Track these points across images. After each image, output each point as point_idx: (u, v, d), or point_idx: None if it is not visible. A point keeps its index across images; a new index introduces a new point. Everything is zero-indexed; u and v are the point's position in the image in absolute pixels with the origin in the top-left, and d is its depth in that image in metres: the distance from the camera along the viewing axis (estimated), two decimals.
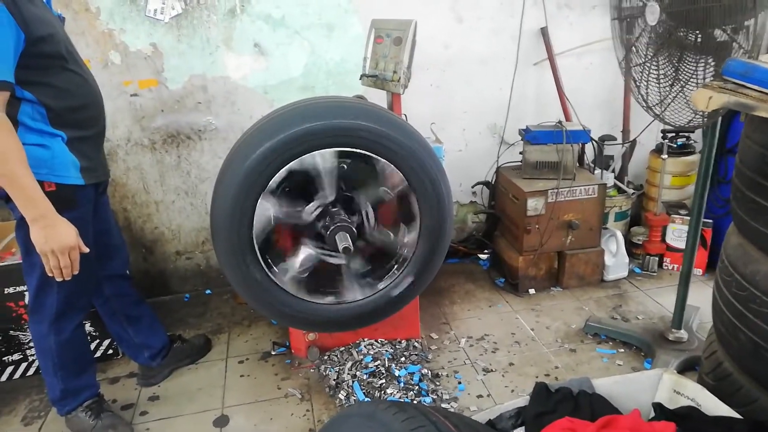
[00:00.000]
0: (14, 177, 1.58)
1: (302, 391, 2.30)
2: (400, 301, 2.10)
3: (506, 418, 1.39)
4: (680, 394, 1.41)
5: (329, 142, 1.80)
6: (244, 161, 1.75)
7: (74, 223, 1.75)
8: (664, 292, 2.91)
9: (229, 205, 1.78)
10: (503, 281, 3.10)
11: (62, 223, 1.68)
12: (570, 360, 2.43)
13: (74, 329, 2.00)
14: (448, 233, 2.05)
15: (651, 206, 3.25)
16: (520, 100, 3.18)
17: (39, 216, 1.64)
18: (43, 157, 1.71)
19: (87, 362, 2.12)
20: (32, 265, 1.84)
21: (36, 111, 1.69)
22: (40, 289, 1.89)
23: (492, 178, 3.25)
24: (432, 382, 2.28)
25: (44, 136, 1.72)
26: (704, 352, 1.64)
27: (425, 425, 0.95)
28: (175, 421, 2.19)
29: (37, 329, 1.97)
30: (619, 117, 3.28)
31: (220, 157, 2.88)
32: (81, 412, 2.07)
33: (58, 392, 2.04)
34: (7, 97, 1.56)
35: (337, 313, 2.06)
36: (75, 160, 1.79)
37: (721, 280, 1.48)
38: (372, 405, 1.07)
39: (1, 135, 1.54)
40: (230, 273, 1.90)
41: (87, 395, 2.09)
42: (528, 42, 3.09)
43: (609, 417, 1.23)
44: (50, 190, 1.71)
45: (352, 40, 2.88)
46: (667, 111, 2.11)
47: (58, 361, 1.98)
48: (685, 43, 1.95)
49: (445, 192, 1.96)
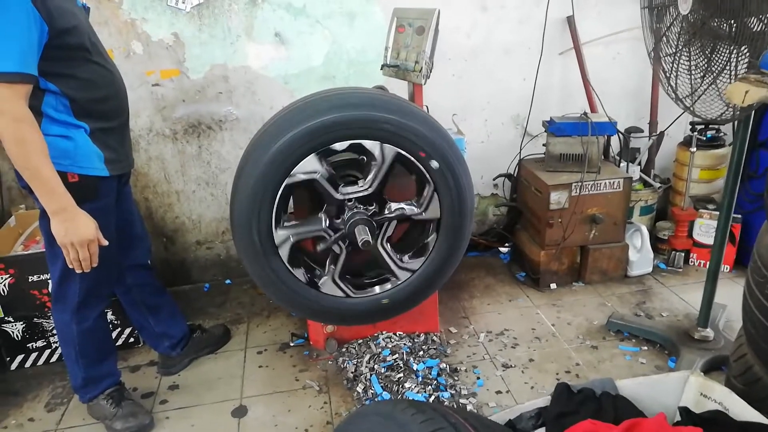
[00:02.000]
0: (36, 170, 1.58)
1: (320, 383, 2.30)
2: (415, 297, 2.10)
3: (526, 418, 1.36)
4: (707, 398, 1.36)
5: (349, 134, 1.79)
6: (268, 149, 1.74)
7: (97, 213, 1.76)
8: (690, 289, 2.84)
9: (249, 194, 1.78)
10: (524, 275, 3.06)
11: (82, 217, 1.69)
12: (591, 357, 2.38)
13: (96, 318, 2.02)
14: (469, 227, 2.02)
15: (678, 200, 3.17)
16: (544, 91, 3.11)
17: (59, 209, 1.64)
18: (66, 149, 1.72)
19: (108, 351, 2.14)
20: (55, 255, 1.86)
21: (60, 102, 1.70)
22: (63, 279, 1.91)
23: (514, 171, 3.20)
24: (450, 376, 2.26)
25: (68, 127, 1.73)
26: (733, 354, 1.59)
27: (444, 427, 0.93)
28: (194, 411, 2.21)
29: (59, 318, 1.99)
30: (646, 108, 3.19)
31: (240, 148, 2.88)
32: (102, 400, 2.10)
33: (80, 380, 2.07)
34: (30, 89, 1.56)
35: (353, 307, 2.05)
36: (98, 151, 1.80)
37: (752, 281, 1.43)
38: (390, 404, 1.05)
39: (24, 129, 1.54)
40: (249, 263, 1.90)
41: (108, 383, 2.12)
42: (553, 31, 3.01)
43: (633, 420, 1.20)
44: (73, 181, 1.72)
45: (374, 30, 2.84)
46: (697, 103, 2.04)
47: (79, 349, 2.01)
48: (719, 32, 1.88)
49: (466, 185, 1.94)
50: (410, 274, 2.01)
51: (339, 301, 2.01)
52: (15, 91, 1.51)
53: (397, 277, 2.02)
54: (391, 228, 1.99)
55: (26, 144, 1.55)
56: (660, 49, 2.14)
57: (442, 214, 1.93)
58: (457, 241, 1.99)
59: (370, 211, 1.93)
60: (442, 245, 1.98)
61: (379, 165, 1.85)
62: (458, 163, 1.89)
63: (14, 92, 1.50)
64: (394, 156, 1.84)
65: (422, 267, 2.01)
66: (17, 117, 1.52)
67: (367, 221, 1.91)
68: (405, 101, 1.96)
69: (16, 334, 2.45)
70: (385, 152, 1.83)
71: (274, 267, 1.88)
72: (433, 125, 1.86)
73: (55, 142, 1.68)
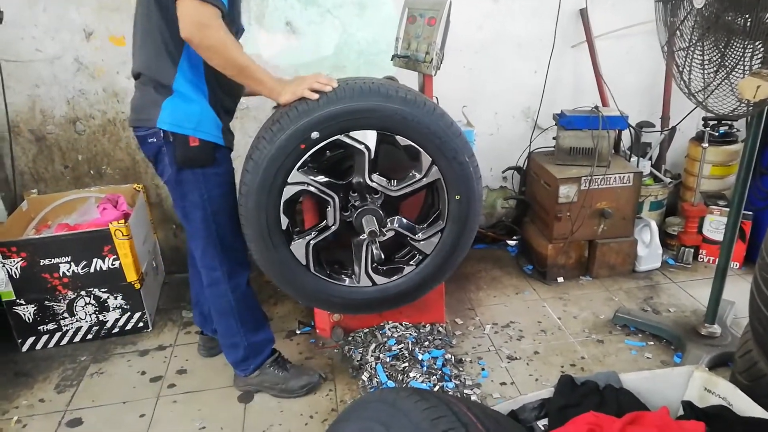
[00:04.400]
0: (247, 66, 1.70)
1: (326, 371, 2.32)
2: (422, 287, 2.11)
3: (529, 409, 1.37)
4: (711, 393, 1.36)
5: (353, 124, 1.79)
6: (277, 138, 1.75)
7: (219, 179, 1.87)
8: (698, 285, 2.83)
9: (258, 182, 1.79)
10: (531, 268, 3.06)
11: (296, 78, 1.81)
12: (597, 351, 2.38)
13: (247, 285, 2.08)
14: (476, 219, 2.02)
15: (688, 196, 3.14)
16: (555, 84, 3.10)
17: (278, 84, 1.76)
18: (191, 112, 1.77)
19: (263, 317, 2.21)
20: (195, 228, 1.93)
21: (195, 62, 1.75)
22: (206, 252, 1.96)
23: (523, 164, 3.19)
24: (455, 367, 2.27)
25: (196, 90, 1.78)
26: (738, 350, 1.58)
27: (446, 415, 0.94)
28: (202, 395, 2.24)
29: (216, 291, 2.04)
30: (658, 103, 3.17)
31: (250, 136, 2.86)
32: (269, 367, 2.17)
33: (243, 350, 2.12)
34: (218, 13, 1.61)
35: (359, 296, 2.07)
36: (218, 120, 1.84)
37: (760, 278, 1.42)
38: (393, 392, 1.06)
39: (226, 36, 1.63)
40: (256, 251, 1.92)
41: (269, 349, 2.19)
42: (566, 24, 2.99)
43: (636, 413, 1.20)
44: (194, 146, 1.78)
45: (385, 20, 2.83)
46: (710, 98, 2.02)
47: (239, 317, 2.07)
48: (733, 27, 1.86)
49: (474, 177, 1.93)
50: (435, 245, 2.02)
51: (345, 289, 2.04)
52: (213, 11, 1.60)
53: (423, 252, 2.02)
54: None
55: (232, 48, 1.65)
56: (673, 44, 2.11)
57: (443, 173, 1.91)
58: (470, 194, 1.96)
59: (375, 200, 1.94)
60: (455, 205, 1.97)
61: (367, 154, 1.84)
62: (426, 114, 1.84)
63: (213, 11, 1.60)
64: (376, 139, 1.82)
65: (444, 233, 2.00)
66: (220, 26, 1.61)
67: (374, 210, 1.91)
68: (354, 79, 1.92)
69: (27, 316, 2.49)
70: (365, 140, 1.82)
71: (305, 278, 1.97)
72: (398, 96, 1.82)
73: (182, 105, 1.75)
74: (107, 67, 2.73)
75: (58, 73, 2.70)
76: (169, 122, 1.75)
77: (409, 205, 2.11)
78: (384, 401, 1.06)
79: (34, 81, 2.69)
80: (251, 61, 1.72)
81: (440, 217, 2.00)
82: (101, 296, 2.54)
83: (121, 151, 2.89)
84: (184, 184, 1.85)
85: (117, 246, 2.46)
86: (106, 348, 2.56)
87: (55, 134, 2.81)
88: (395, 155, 1.97)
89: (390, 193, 1.92)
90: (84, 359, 2.49)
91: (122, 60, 2.70)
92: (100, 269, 2.49)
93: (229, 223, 1.95)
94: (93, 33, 2.66)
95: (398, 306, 2.19)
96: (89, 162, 2.89)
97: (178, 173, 1.82)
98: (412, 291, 2.10)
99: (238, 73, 1.71)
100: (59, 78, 2.71)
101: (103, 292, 2.53)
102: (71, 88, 2.74)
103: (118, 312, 2.59)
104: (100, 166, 2.91)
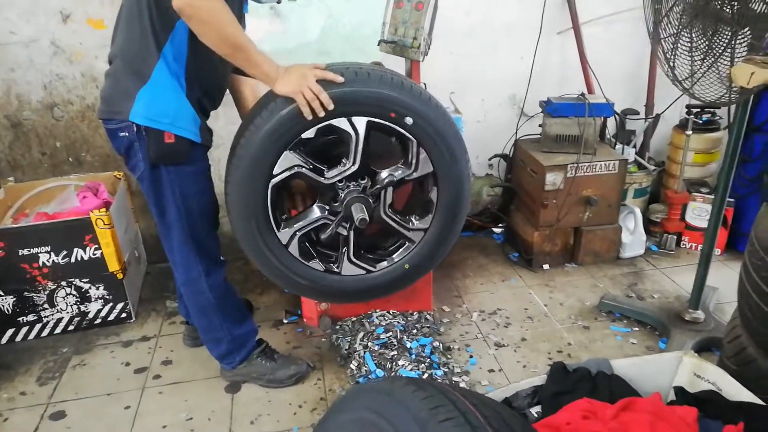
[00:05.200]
0: (243, 45, 1.59)
1: (313, 360, 2.30)
2: (412, 275, 2.10)
3: (522, 396, 1.37)
4: (701, 378, 1.38)
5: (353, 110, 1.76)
6: (270, 119, 1.71)
7: (194, 178, 1.80)
8: (681, 271, 2.87)
9: (247, 165, 1.75)
10: (517, 256, 3.07)
11: (294, 66, 1.68)
12: (583, 337, 2.40)
13: (224, 280, 2.04)
14: (465, 208, 2.01)
15: (671, 183, 3.17)
16: (541, 71, 3.08)
17: (273, 70, 1.65)
18: (168, 106, 1.69)
19: (245, 309, 2.17)
20: (168, 227, 1.87)
21: (179, 52, 1.66)
22: (180, 250, 1.91)
23: (510, 151, 3.18)
24: (443, 355, 2.27)
25: (174, 83, 1.69)
26: (727, 335, 1.60)
27: (445, 404, 0.93)
28: (188, 386, 2.21)
29: (194, 290, 1.99)
30: (642, 91, 3.18)
31: (234, 124, 2.82)
32: (256, 358, 2.14)
33: (226, 344, 2.08)
34: None
35: (348, 284, 2.05)
36: (196, 116, 1.76)
37: (749, 263, 1.43)
38: (388, 382, 1.05)
39: (224, 8, 1.54)
40: (243, 239, 1.88)
41: (253, 341, 2.15)
42: (553, 10, 2.97)
43: (628, 399, 1.21)
44: (169, 142, 1.70)
45: (371, 4, 2.77)
46: (696, 85, 2.03)
47: (221, 313, 2.02)
48: (721, 14, 1.86)
49: (465, 166, 1.92)
50: (423, 233, 2.00)
51: (363, 278, 2.03)
52: None
53: (412, 241, 2.01)
54: (389, 196, 1.96)
55: (228, 23, 1.55)
56: (660, 30, 2.11)
57: (434, 166, 1.89)
58: (459, 188, 1.95)
59: (362, 186, 1.91)
60: (444, 196, 1.95)
61: (356, 139, 1.79)
62: (430, 110, 1.82)
63: None
64: (366, 126, 1.78)
65: (432, 223, 1.99)
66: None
67: (362, 198, 1.89)
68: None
69: (6, 308, 2.43)
70: (356, 125, 1.76)
71: (289, 265, 1.92)
72: (395, 84, 1.79)
73: (162, 98, 1.66)
74: (85, 51, 2.65)
75: (35, 57, 2.62)
76: (143, 116, 1.66)
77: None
78: (378, 391, 1.05)
79: (9, 65, 2.61)
80: (249, 41, 1.61)
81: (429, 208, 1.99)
82: (83, 286, 2.48)
83: (100, 137, 2.81)
84: (158, 182, 1.77)
85: (98, 235, 2.40)
86: (89, 339, 2.51)
87: (32, 120, 2.73)
88: (383, 143, 1.95)
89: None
90: (66, 351, 2.44)
91: (101, 44, 2.63)
92: (81, 259, 2.43)
93: (203, 221, 1.90)
94: (70, 15, 2.57)
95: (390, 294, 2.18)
96: (68, 149, 2.82)
97: (151, 170, 1.75)
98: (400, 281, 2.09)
99: (233, 52, 1.59)
100: (35, 62, 2.62)
101: (84, 283, 2.48)
102: (48, 72, 2.66)
103: (100, 303, 2.54)
104: (79, 154, 2.83)
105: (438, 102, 1.86)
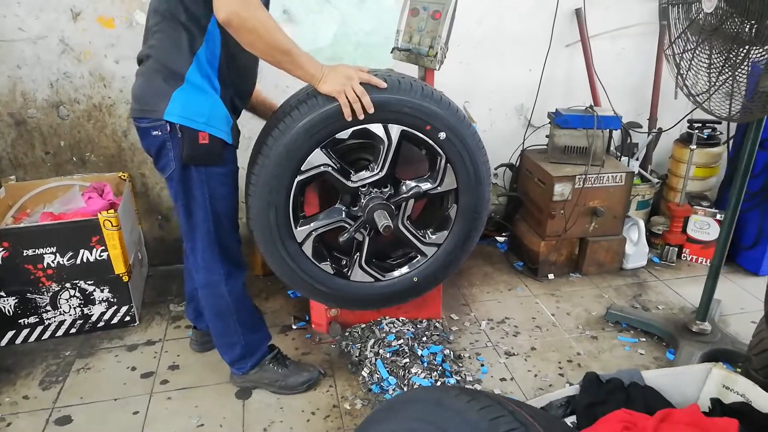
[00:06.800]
0: (290, 50, 1.59)
1: (324, 366, 2.28)
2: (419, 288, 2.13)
3: (556, 406, 1.37)
4: (729, 390, 1.39)
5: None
6: (308, 114, 1.71)
7: (223, 179, 1.78)
8: (683, 283, 2.91)
9: (278, 154, 1.74)
10: (522, 265, 3.08)
11: (339, 66, 1.69)
12: (592, 347, 2.42)
13: (243, 286, 2.02)
14: (480, 229, 2.05)
15: (672, 196, 3.22)
16: (548, 83, 3.11)
17: (319, 71, 1.66)
18: (203, 106, 1.68)
19: (260, 315, 2.15)
20: (193, 228, 1.84)
21: (212, 55, 1.66)
22: (204, 253, 1.88)
23: (516, 161, 3.20)
24: (455, 363, 2.27)
25: (208, 84, 1.69)
26: (753, 348, 1.62)
27: (504, 415, 0.92)
28: (197, 392, 2.17)
29: (213, 292, 1.96)
30: (643, 104, 3.23)
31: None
32: (268, 364, 2.12)
33: (240, 349, 2.06)
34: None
35: (368, 291, 2.05)
36: (228, 116, 1.75)
37: None
38: (438, 391, 1.04)
39: (267, 17, 1.55)
40: (260, 231, 1.87)
41: (266, 348, 2.13)
42: (562, 23, 3.01)
43: (666, 410, 1.21)
44: (203, 143, 1.68)
45: (384, 12, 2.79)
46: (712, 101, 2.06)
47: (237, 318, 2.00)
48: (739, 31, 1.90)
49: (487, 188, 1.95)
50: (436, 248, 2.00)
51: (371, 286, 2.04)
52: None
53: (424, 254, 2.01)
54: (409, 207, 1.97)
55: (275, 30, 1.55)
56: (677, 45, 2.15)
57: (458, 184, 1.91)
58: (478, 209, 1.97)
59: (386, 194, 1.91)
60: (462, 215, 1.97)
61: (387, 146, 1.81)
62: (463, 128, 1.86)
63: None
64: (400, 135, 1.80)
65: (447, 239, 2.00)
66: (260, 5, 1.54)
67: (386, 205, 1.89)
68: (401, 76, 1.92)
69: (7, 309, 2.37)
70: (390, 133, 1.79)
71: (302, 266, 1.93)
72: (434, 97, 1.83)
73: (195, 98, 1.66)
74: (94, 50, 2.61)
75: (42, 54, 2.57)
76: (178, 114, 1.65)
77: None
78: (429, 401, 1.04)
79: (16, 61, 2.56)
80: (293, 44, 1.61)
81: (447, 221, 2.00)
82: (87, 289, 2.43)
83: (106, 138, 2.77)
84: (188, 182, 1.76)
85: (106, 237, 2.36)
86: (91, 343, 2.46)
87: (37, 118, 2.67)
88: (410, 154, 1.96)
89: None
90: (68, 354, 2.38)
91: (111, 43, 2.59)
92: (87, 261, 2.38)
93: (229, 224, 1.88)
94: (80, 13, 2.53)
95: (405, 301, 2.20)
96: (72, 148, 2.77)
97: (182, 170, 1.73)
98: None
99: (281, 59, 1.60)
100: (43, 59, 2.58)
101: (89, 285, 2.43)
102: (55, 71, 2.61)
103: (104, 305, 2.49)
104: (83, 153, 2.79)
105: (471, 122, 1.88)
